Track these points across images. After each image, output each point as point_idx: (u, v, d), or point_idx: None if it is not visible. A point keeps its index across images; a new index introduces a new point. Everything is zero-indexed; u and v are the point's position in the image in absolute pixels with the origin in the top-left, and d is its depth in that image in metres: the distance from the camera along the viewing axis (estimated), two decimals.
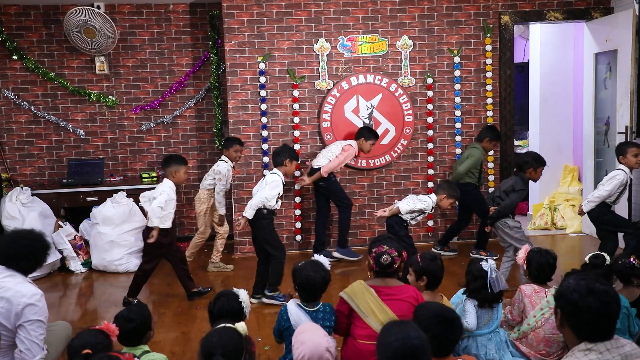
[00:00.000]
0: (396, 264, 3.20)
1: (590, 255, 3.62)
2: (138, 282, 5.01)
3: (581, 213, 5.24)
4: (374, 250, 3.22)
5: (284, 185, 5.00)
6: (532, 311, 3.38)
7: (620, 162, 5.06)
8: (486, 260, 3.38)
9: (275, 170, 5.04)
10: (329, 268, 3.35)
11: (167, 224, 4.96)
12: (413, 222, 5.19)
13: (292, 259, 5.38)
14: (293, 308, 3.21)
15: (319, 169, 5.97)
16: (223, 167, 5.84)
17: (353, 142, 6.09)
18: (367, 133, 6.08)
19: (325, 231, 6.33)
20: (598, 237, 5.30)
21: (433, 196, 5.16)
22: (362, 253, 6.19)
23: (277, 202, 4.95)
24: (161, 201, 4.84)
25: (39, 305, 3.07)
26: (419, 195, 5.28)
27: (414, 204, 5.08)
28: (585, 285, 2.20)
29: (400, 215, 5.10)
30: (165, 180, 5.04)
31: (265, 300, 4.95)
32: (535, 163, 5.10)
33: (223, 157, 5.91)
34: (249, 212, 4.86)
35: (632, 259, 3.50)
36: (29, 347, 3.03)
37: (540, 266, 3.54)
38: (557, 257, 3.60)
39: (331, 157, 5.98)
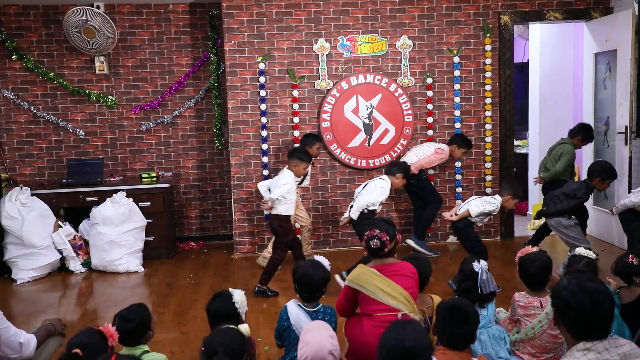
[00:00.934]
0: (387, 247, 3.23)
1: (585, 261, 3.56)
2: (272, 270, 5.13)
3: (612, 213, 5.39)
4: (366, 233, 3.27)
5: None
6: (530, 323, 3.33)
7: None
8: (478, 261, 3.38)
9: (384, 177, 5.34)
10: (329, 269, 3.38)
11: (290, 211, 5.16)
12: (479, 224, 5.18)
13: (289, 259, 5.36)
14: (293, 308, 3.23)
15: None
16: None
17: (445, 147, 6.17)
18: (460, 141, 6.18)
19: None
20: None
21: (498, 197, 5.12)
22: (357, 252, 6.18)
23: (379, 204, 5.20)
24: (283, 191, 5.05)
25: None
26: (483, 196, 5.24)
27: (484, 207, 5.03)
28: (577, 283, 2.23)
29: (469, 217, 5.07)
30: (286, 170, 5.27)
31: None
32: (604, 174, 5.10)
33: None
34: (355, 214, 5.11)
35: (631, 258, 3.50)
36: (11, 349, 3.02)
37: (523, 274, 3.48)
38: (547, 265, 3.45)
39: (421, 156, 6.08)
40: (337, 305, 3.37)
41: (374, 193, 5.14)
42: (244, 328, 2.74)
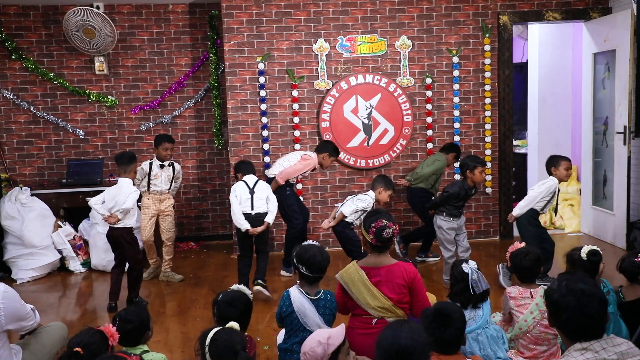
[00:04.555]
0: (395, 237, 3.25)
1: (587, 250, 3.60)
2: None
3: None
4: (372, 225, 3.19)
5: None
6: (522, 315, 3.38)
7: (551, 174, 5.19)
8: (467, 262, 3.40)
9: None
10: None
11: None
12: (357, 223, 5.28)
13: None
14: (296, 294, 3.24)
15: (273, 178, 5.58)
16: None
17: (313, 154, 5.75)
18: (331, 149, 5.76)
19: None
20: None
21: (371, 192, 5.35)
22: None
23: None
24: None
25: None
26: (356, 195, 5.41)
27: (355, 205, 5.25)
28: (566, 285, 2.29)
29: (345, 219, 5.28)
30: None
31: None
32: (471, 162, 5.18)
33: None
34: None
35: (638, 259, 3.55)
36: (28, 319, 3.20)
37: (516, 267, 3.56)
38: (539, 258, 3.57)
39: (286, 165, 5.62)
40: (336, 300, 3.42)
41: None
42: (235, 325, 2.76)
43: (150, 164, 5.68)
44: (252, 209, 5.02)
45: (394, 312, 3.16)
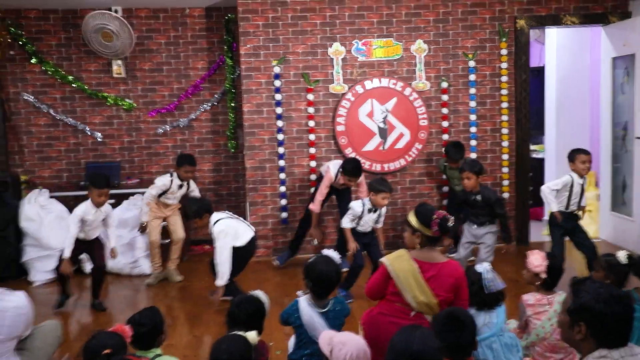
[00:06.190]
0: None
1: (626, 254, 3.53)
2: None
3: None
4: (434, 217, 3.16)
5: None
6: (540, 322, 3.36)
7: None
8: (480, 263, 3.38)
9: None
10: (340, 262, 3.37)
11: None
12: (361, 229, 5.10)
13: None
14: (305, 307, 3.20)
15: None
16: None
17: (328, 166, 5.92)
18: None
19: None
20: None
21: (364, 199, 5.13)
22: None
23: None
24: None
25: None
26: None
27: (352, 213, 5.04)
28: (607, 293, 2.21)
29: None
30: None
31: None
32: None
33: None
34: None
35: None
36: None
37: (559, 273, 3.52)
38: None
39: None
40: (369, 284, 3.34)
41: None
42: (251, 336, 2.73)
43: (171, 181, 5.74)
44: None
45: (435, 310, 3.12)
